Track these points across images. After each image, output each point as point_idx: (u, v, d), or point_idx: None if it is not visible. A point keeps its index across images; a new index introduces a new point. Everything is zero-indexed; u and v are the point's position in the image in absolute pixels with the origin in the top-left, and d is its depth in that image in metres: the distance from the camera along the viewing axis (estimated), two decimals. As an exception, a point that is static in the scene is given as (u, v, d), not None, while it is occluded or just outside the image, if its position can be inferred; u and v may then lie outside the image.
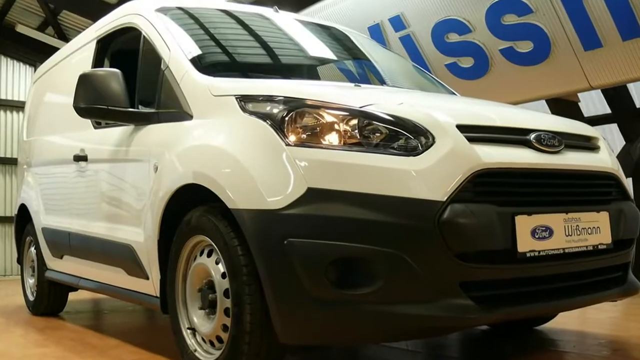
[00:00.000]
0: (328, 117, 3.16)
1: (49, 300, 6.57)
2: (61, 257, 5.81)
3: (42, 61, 7.91)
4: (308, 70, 5.14)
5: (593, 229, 3.37)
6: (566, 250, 3.22)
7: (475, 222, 2.93)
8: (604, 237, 3.43)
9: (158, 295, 4.00)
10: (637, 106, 9.66)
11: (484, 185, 3.05)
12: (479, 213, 2.95)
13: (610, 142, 4.25)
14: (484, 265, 3.01)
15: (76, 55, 5.94)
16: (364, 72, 5.37)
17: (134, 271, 4.30)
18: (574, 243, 3.26)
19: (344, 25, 5.99)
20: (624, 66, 7.37)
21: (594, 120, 9.71)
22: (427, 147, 3.05)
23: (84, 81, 4.19)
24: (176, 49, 4.18)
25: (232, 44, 4.71)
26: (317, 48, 5.12)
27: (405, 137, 3.07)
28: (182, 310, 3.73)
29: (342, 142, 3.09)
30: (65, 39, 14.89)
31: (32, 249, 6.74)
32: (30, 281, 6.90)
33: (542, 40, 7.72)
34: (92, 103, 4.15)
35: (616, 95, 9.44)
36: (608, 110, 9.87)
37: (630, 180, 8.65)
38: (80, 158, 5.18)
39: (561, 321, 5.17)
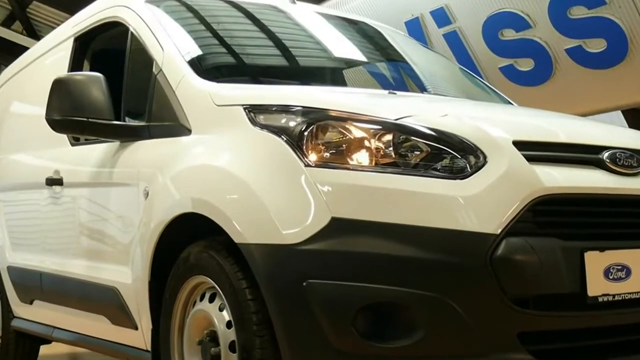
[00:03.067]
0: (356, 131, 3.18)
1: (16, 354, 6.55)
2: (31, 303, 5.82)
3: (7, 63, 7.97)
4: (332, 74, 5.17)
5: (680, 268, 3.36)
6: (647, 294, 3.22)
7: (535, 259, 2.93)
8: (694, 278, 3.42)
9: (149, 348, 4.01)
10: None
11: (547, 215, 3.06)
12: (540, 249, 2.95)
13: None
14: (546, 312, 3.01)
15: (49, 56, 5.98)
16: (400, 77, 5.39)
17: (120, 319, 4.32)
18: (657, 285, 3.25)
19: (375, 19, 6.03)
20: None
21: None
22: (477, 168, 3.06)
23: (59, 88, 4.21)
24: (171, 48, 4.21)
25: (240, 43, 4.76)
26: (343, 47, 5.15)
27: (451, 156, 3.09)
28: (179, 366, 3.75)
29: (373, 162, 3.11)
30: (36, 36, 15.07)
31: (-5, 292, 6.78)
32: (-7, 331, 6.93)
33: (617, 38, 7.72)
34: (68, 114, 4.15)
35: None
36: (699, 124, 9.85)
37: None
38: (54, 181, 5.18)
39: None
